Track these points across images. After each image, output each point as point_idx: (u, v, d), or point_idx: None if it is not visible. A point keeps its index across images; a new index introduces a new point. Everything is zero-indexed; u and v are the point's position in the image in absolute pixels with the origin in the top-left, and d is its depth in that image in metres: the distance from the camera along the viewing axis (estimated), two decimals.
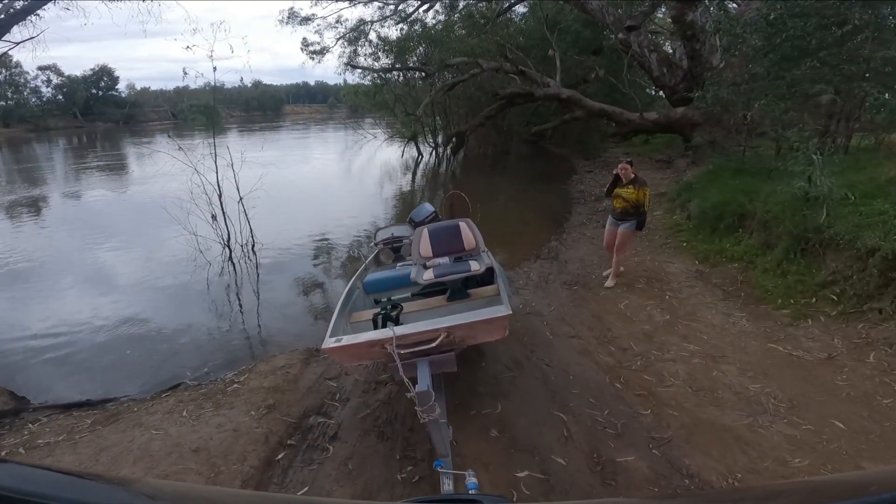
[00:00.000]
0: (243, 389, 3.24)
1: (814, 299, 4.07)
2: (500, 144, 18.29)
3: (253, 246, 6.46)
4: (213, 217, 6.04)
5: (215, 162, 5.97)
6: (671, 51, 14.51)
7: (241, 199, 6.13)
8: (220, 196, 5.98)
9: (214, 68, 5.88)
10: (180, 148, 5.98)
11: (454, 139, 16.78)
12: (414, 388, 2.12)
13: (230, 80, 12.79)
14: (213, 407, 3.07)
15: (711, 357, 3.47)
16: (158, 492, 0.61)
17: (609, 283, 4.83)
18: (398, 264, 4.34)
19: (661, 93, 19.64)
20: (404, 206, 9.34)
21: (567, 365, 3.46)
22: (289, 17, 16.88)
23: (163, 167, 6.11)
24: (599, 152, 16.47)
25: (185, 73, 6.10)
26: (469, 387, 3.19)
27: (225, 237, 6.21)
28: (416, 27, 16.01)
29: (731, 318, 4.08)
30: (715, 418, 2.78)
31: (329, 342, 2.53)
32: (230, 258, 6.26)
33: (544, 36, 15.00)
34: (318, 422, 2.89)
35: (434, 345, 2.40)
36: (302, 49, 17.44)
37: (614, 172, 4.67)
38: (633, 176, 4.52)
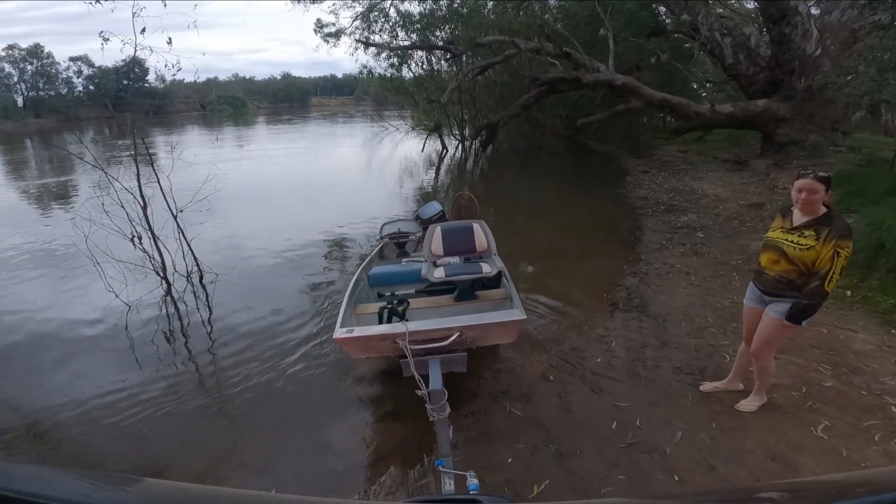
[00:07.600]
0: None
1: None
2: (533, 139, 16.15)
3: (201, 278, 4.55)
4: (138, 239, 4.10)
5: (135, 161, 4.03)
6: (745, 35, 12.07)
7: (176, 213, 4.20)
8: (144, 209, 4.07)
9: (143, 30, 3.96)
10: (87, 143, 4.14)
11: (484, 131, 14.63)
12: (426, 385, 2.14)
13: (260, 73, 10.81)
14: None
15: None
16: (158, 492, 0.60)
17: (747, 405, 2.57)
18: (403, 260, 4.27)
19: (707, 85, 17.19)
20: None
21: None
22: None
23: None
24: (651, 150, 14.20)
25: (107, 40, 4.13)
26: None
27: (160, 266, 4.24)
28: (443, 1, 13.91)
29: None
30: None
31: (340, 332, 2.50)
32: (169, 294, 4.35)
33: (593, 14, 12.74)
34: None
35: (446, 343, 2.42)
36: (315, 31, 15.59)
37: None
38: (822, 211, 2.19)
